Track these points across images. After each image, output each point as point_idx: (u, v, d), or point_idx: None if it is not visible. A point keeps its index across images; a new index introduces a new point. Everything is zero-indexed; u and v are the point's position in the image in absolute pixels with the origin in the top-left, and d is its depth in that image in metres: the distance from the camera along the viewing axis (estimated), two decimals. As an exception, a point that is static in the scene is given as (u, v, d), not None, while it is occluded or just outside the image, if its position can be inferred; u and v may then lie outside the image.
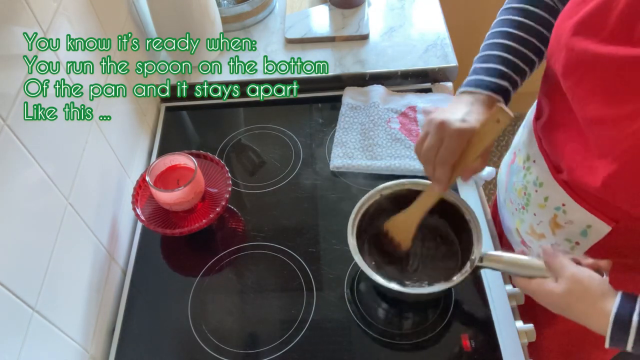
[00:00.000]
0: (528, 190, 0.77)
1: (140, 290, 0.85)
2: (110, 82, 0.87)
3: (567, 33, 0.59)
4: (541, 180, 0.74)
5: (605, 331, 0.56)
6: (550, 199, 0.73)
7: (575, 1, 0.61)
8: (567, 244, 0.75)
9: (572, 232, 0.73)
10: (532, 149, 0.76)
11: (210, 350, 0.78)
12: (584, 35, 0.57)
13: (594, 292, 0.58)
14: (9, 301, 0.57)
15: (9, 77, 0.59)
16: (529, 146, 0.77)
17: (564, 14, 0.62)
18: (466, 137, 0.65)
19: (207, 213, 0.88)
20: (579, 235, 0.72)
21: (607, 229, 0.68)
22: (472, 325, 0.78)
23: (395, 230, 0.78)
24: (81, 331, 0.73)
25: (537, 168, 0.75)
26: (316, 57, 1.11)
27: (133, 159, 0.97)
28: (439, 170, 0.68)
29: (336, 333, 0.78)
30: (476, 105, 0.69)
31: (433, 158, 0.68)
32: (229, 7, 1.16)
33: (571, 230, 0.72)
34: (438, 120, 0.67)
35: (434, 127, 0.67)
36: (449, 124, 0.65)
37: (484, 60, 0.73)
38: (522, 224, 0.82)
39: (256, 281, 0.85)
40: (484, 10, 1.70)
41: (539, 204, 0.76)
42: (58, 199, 0.69)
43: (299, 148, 1.02)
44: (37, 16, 0.66)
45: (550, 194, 0.73)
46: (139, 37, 1.03)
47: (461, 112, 0.67)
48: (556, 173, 0.71)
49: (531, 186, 0.76)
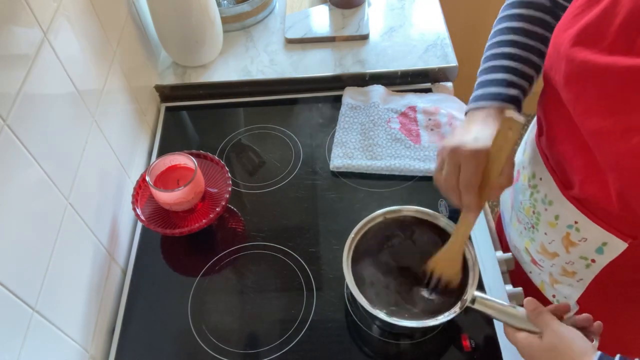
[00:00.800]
0: (537, 209, 0.76)
1: (140, 290, 0.85)
2: (110, 82, 0.87)
3: (566, 44, 0.58)
4: (550, 198, 0.72)
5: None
6: (561, 217, 0.71)
7: (572, 12, 0.60)
8: (582, 262, 0.73)
9: (587, 250, 0.71)
10: (538, 166, 0.74)
11: (210, 350, 0.78)
12: (584, 46, 0.56)
13: (577, 349, 0.58)
14: (9, 301, 0.57)
15: (9, 77, 0.59)
16: (534, 164, 0.75)
17: (561, 25, 0.61)
18: (482, 156, 0.64)
19: (207, 213, 0.88)
20: (594, 253, 0.70)
21: (623, 246, 0.66)
22: (472, 325, 0.77)
23: (442, 268, 0.75)
24: (81, 331, 0.73)
25: (545, 186, 0.73)
26: (316, 57, 1.11)
27: (133, 159, 0.97)
28: (465, 197, 0.66)
29: (336, 333, 0.78)
30: (488, 120, 0.67)
31: (455, 185, 0.66)
32: (229, 7, 1.16)
33: (586, 247, 0.71)
34: (450, 146, 0.65)
35: (447, 153, 0.66)
36: (462, 147, 0.64)
37: (488, 71, 0.71)
38: (532, 243, 0.80)
39: (256, 281, 0.85)
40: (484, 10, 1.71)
41: (549, 223, 0.74)
42: (58, 199, 0.69)
43: (299, 148, 1.02)
44: (37, 16, 0.66)
45: (560, 212, 0.71)
46: (139, 37, 1.03)
47: (473, 131, 0.66)
48: (566, 190, 0.69)
49: (540, 205, 0.75)
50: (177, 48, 1.08)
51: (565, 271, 0.77)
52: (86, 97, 0.78)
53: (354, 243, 0.76)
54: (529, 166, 0.78)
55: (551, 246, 0.76)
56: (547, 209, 0.73)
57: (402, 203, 0.81)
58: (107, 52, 0.87)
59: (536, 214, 0.76)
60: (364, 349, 0.77)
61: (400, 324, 0.69)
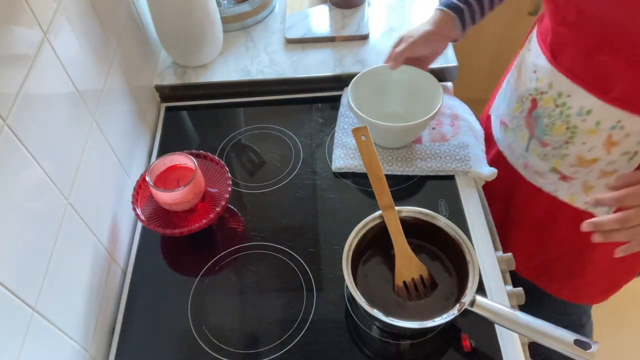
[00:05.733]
0: (572, 123, 0.80)
1: (140, 290, 0.85)
2: (110, 82, 0.87)
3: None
4: (588, 108, 0.77)
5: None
6: (602, 122, 0.76)
7: None
8: (624, 157, 0.79)
9: (629, 144, 0.77)
10: (562, 85, 0.79)
11: (210, 351, 0.78)
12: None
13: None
14: (9, 301, 0.57)
15: (9, 77, 0.59)
16: (556, 85, 0.80)
17: None
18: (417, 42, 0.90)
19: (207, 213, 0.88)
20: (636, 145, 0.76)
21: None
22: (472, 325, 0.77)
23: (409, 271, 0.77)
24: (81, 331, 0.73)
25: (578, 99, 0.77)
26: (316, 57, 1.11)
27: (133, 159, 0.97)
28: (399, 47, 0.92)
29: (336, 333, 0.78)
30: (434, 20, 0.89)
31: None
32: (229, 7, 1.16)
33: (629, 142, 0.76)
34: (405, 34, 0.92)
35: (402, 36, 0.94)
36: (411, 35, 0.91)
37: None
38: (563, 160, 0.85)
39: (256, 281, 0.85)
40: (484, 10, 1.70)
41: (588, 131, 0.78)
42: (58, 199, 0.69)
43: (299, 148, 1.02)
44: (37, 16, 0.66)
45: (601, 117, 0.76)
46: (139, 37, 1.03)
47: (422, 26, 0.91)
48: (604, 94, 0.74)
49: (575, 118, 0.79)
50: (177, 48, 1.08)
51: (604, 173, 0.82)
52: (86, 97, 0.78)
53: (354, 243, 0.76)
54: (549, 90, 0.81)
55: (590, 153, 0.81)
56: (586, 119, 0.78)
57: (402, 203, 0.81)
58: (107, 52, 0.87)
59: (571, 129, 0.80)
60: (364, 349, 0.77)
61: (399, 324, 0.69)
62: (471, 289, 0.71)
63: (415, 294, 0.76)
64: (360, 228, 0.78)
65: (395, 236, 0.77)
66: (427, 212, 0.79)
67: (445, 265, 0.79)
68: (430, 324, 0.69)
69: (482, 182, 0.96)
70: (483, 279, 0.81)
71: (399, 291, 0.76)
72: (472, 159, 0.93)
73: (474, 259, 0.73)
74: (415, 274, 0.76)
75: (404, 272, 0.77)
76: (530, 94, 0.85)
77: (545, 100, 0.83)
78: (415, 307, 0.75)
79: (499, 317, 0.67)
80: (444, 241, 0.77)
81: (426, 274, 0.77)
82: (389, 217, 0.77)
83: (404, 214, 0.79)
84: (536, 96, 0.85)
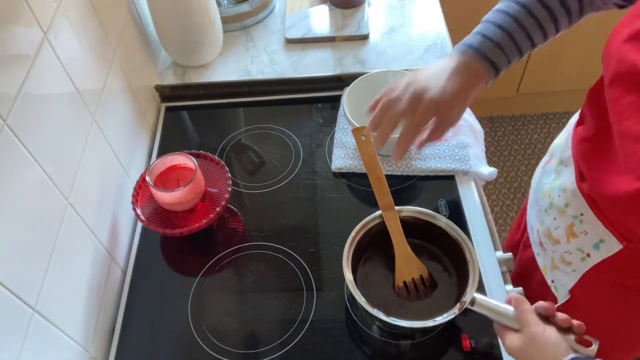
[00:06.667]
0: (552, 194, 0.79)
1: (140, 290, 0.85)
2: (110, 82, 0.87)
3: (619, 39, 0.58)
4: (565, 186, 0.75)
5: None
6: (570, 206, 0.74)
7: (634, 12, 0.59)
8: (579, 254, 0.76)
9: (585, 243, 0.73)
10: (566, 153, 0.77)
11: (210, 350, 0.78)
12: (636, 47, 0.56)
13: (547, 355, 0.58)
14: (9, 301, 0.57)
15: (9, 77, 0.59)
16: (564, 150, 0.78)
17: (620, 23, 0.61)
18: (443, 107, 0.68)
19: (207, 213, 0.88)
20: (591, 248, 0.73)
21: (618, 247, 0.69)
22: (472, 325, 0.77)
23: (410, 272, 0.76)
24: (81, 331, 0.73)
25: (566, 174, 0.76)
26: (316, 57, 1.11)
27: (133, 159, 0.97)
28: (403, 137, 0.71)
29: (336, 333, 0.78)
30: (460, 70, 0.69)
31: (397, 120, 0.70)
32: (229, 7, 1.16)
33: (585, 241, 0.73)
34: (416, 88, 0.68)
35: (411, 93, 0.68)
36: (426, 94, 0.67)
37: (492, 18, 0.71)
38: (542, 225, 0.84)
39: (256, 281, 0.85)
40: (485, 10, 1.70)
41: (559, 209, 0.77)
42: (58, 199, 0.69)
43: (299, 148, 1.02)
44: (37, 16, 0.66)
45: (571, 201, 0.74)
46: (139, 37, 1.03)
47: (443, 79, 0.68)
48: (580, 181, 0.72)
49: (556, 190, 0.78)
50: (177, 48, 1.08)
51: (563, 259, 0.79)
52: (86, 97, 0.78)
53: (354, 243, 0.76)
54: (559, 152, 0.81)
55: (556, 232, 0.79)
56: (561, 196, 0.76)
57: (402, 203, 0.81)
58: (107, 52, 0.87)
59: (550, 198, 0.79)
60: (364, 349, 0.77)
61: (399, 324, 0.69)
62: (471, 288, 0.71)
63: (415, 294, 0.76)
64: (360, 228, 0.78)
65: (395, 236, 0.77)
66: (427, 212, 0.79)
67: (445, 265, 0.79)
68: (431, 323, 0.69)
69: (482, 182, 0.96)
70: (483, 279, 0.81)
71: (399, 291, 0.76)
72: (472, 159, 0.93)
73: (474, 258, 0.73)
74: (415, 274, 0.76)
75: (404, 272, 0.77)
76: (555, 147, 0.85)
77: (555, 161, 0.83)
78: (415, 307, 0.75)
79: (500, 315, 0.67)
80: (444, 241, 0.77)
81: (426, 274, 0.77)
82: (389, 217, 0.77)
83: (404, 214, 0.79)
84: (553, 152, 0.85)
